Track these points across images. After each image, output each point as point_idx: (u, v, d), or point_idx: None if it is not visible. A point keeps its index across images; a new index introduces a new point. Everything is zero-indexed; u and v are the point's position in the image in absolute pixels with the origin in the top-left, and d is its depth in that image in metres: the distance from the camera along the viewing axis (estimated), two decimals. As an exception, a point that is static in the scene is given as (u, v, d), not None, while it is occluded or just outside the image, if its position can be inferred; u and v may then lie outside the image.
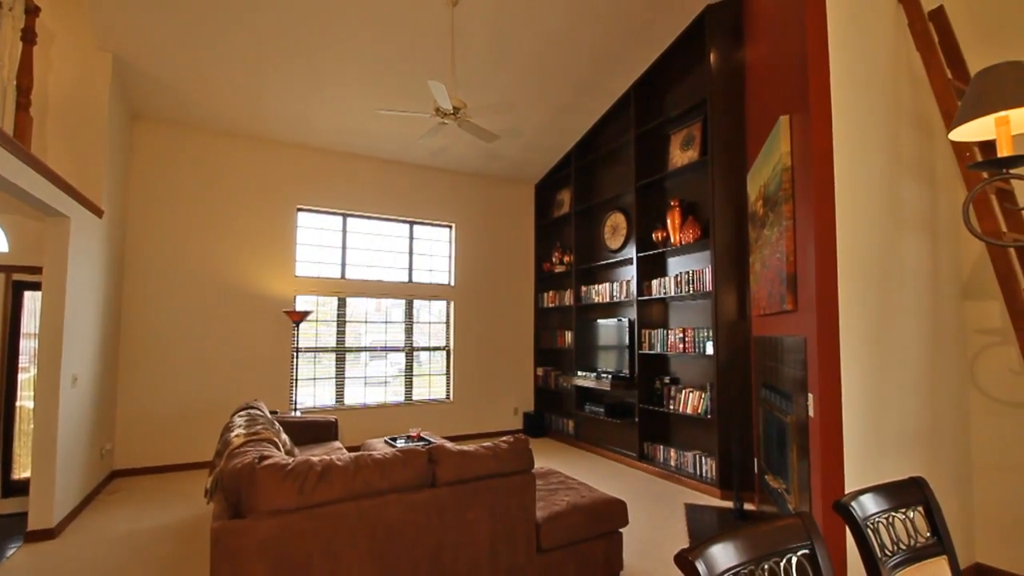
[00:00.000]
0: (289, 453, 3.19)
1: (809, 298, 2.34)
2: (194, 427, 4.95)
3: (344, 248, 5.87)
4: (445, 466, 2.19)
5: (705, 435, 4.51)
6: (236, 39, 3.99)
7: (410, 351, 6.20)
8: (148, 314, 4.85)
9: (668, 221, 4.81)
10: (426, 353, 6.32)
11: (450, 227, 6.54)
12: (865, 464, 2.27)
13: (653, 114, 5.23)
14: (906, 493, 1.38)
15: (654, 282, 5.00)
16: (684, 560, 0.99)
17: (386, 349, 6.07)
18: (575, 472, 4.86)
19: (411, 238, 6.32)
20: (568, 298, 6.34)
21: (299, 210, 5.61)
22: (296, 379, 5.26)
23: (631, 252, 5.32)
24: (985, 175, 2.29)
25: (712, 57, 4.32)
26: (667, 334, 4.81)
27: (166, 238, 4.96)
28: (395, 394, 6.09)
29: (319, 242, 5.75)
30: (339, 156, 5.79)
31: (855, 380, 2.28)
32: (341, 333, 5.78)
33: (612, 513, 2.66)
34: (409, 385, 6.16)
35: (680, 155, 4.86)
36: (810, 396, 2.31)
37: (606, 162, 6.00)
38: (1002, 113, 1.05)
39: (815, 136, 2.29)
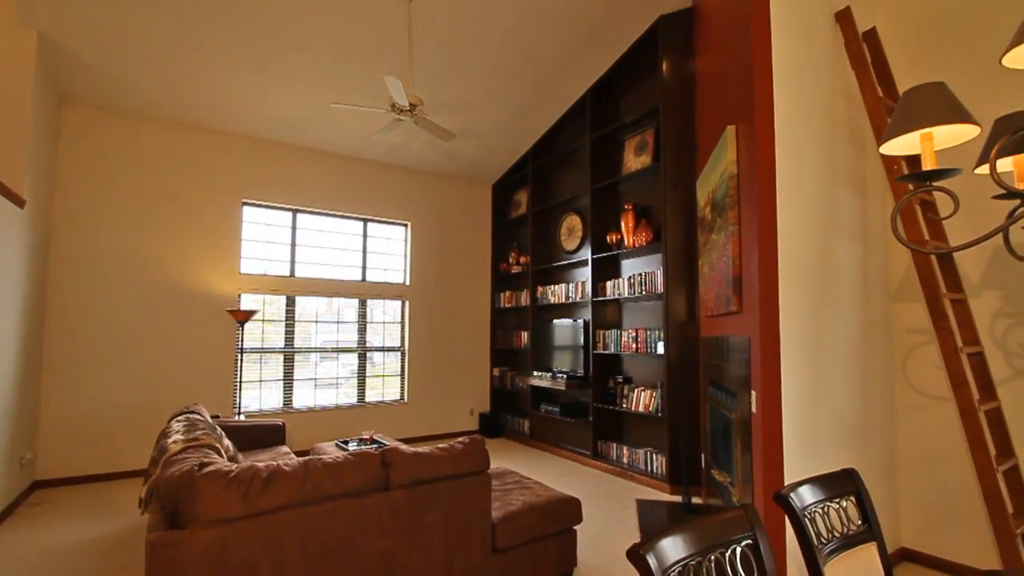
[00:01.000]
0: (232, 459, 3.05)
1: (753, 300, 2.45)
2: (127, 433, 4.64)
3: (294, 245, 5.67)
4: (399, 468, 2.15)
5: (656, 432, 4.65)
6: (176, 20, 3.77)
7: (363, 352, 6.06)
8: (76, 312, 4.51)
9: (622, 224, 4.93)
10: (380, 354, 6.19)
11: (406, 225, 6.44)
12: (803, 457, 2.41)
13: (608, 119, 5.34)
14: (840, 484, 1.47)
15: (608, 283, 5.11)
16: (636, 555, 1.02)
17: (338, 350, 5.90)
18: (531, 471, 4.89)
19: (365, 236, 6.17)
20: (525, 298, 6.37)
21: (245, 204, 5.37)
22: (240, 381, 5.04)
23: (586, 254, 5.40)
24: (911, 187, 2.48)
25: (664, 66, 4.46)
26: (620, 334, 4.93)
27: (97, 231, 4.63)
28: (347, 396, 5.93)
29: (267, 238, 5.52)
30: (289, 149, 5.59)
31: (794, 378, 2.40)
32: (290, 333, 5.58)
33: (567, 511, 2.69)
34: (362, 386, 6.02)
35: (634, 160, 4.99)
36: (753, 393, 2.42)
37: (563, 164, 6.08)
38: (927, 130, 1.13)
39: (759, 146, 2.40)
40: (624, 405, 4.83)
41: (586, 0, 4.08)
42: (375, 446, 3.94)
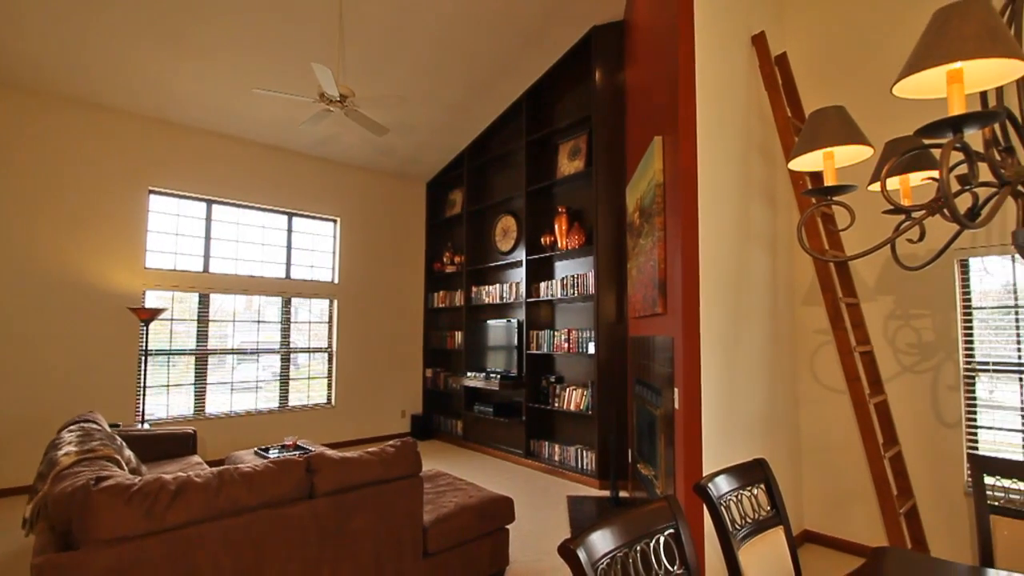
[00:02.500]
0: (135, 472, 2.79)
1: (676, 302, 2.59)
2: (6, 446, 4.10)
3: (208, 238, 5.27)
4: (325, 475, 2.06)
5: (587, 430, 4.78)
6: (76, -12, 3.39)
7: (287, 353, 5.75)
8: (-60, 310, 3.93)
9: (556, 226, 5.02)
10: (305, 355, 5.91)
11: (335, 221, 6.19)
12: (719, 449, 2.57)
13: (543, 123, 5.43)
14: (751, 473, 1.58)
15: (542, 284, 5.19)
16: (567, 550, 1.04)
17: (258, 351, 5.56)
18: (463, 472, 4.86)
19: (290, 231, 5.86)
20: (459, 299, 6.33)
21: (152, 192, 4.93)
22: (144, 386, 4.61)
23: (521, 255, 5.46)
24: (814, 200, 2.72)
25: (597, 74, 4.61)
26: (553, 335, 5.02)
27: (-30, 218, 4.06)
28: (268, 400, 5.60)
29: (177, 230, 5.09)
30: (205, 135, 5.19)
31: (712, 375, 2.56)
32: (203, 333, 5.18)
33: (499, 511, 2.70)
34: (285, 390, 5.71)
35: (568, 164, 5.11)
36: (676, 390, 2.55)
37: (498, 165, 6.11)
38: (828, 149, 1.25)
39: (683, 158, 2.54)
40: (556, 404, 4.93)
41: (521, 3, 4.12)
42: (299, 453, 3.76)
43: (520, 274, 5.55)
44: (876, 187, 1.39)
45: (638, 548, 1.16)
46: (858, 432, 2.98)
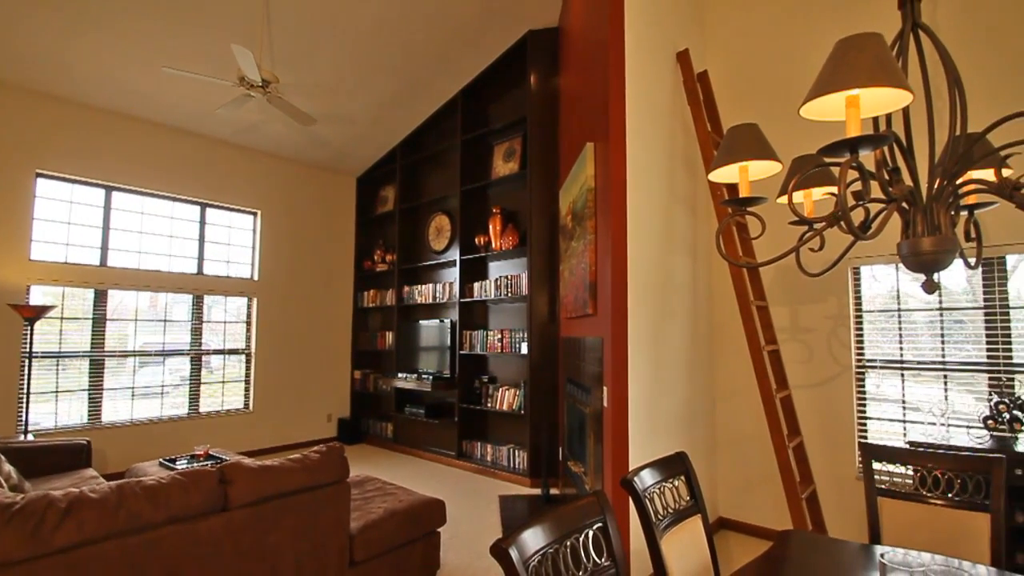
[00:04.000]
0: (16, 488, 2.47)
1: (606, 304, 2.68)
2: None
3: (107, 228, 4.77)
4: (241, 486, 1.93)
5: (519, 429, 4.82)
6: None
7: (198, 355, 5.33)
8: None
9: (490, 227, 5.03)
10: (219, 357, 5.51)
11: (255, 214, 5.83)
12: (644, 444, 2.69)
13: (479, 123, 5.42)
14: (673, 466, 1.66)
15: (476, 285, 5.18)
16: (499, 550, 1.04)
17: (163, 353, 5.11)
18: (394, 476, 4.74)
19: (203, 223, 5.44)
20: (390, 298, 6.18)
21: (39, 176, 4.39)
22: (28, 392, 4.09)
23: (455, 254, 5.42)
24: (730, 210, 2.92)
25: (532, 78, 4.67)
26: (487, 335, 5.02)
27: None
28: (175, 406, 5.16)
29: (70, 219, 4.57)
30: (104, 114, 4.70)
31: (639, 374, 2.67)
32: (99, 334, 4.68)
33: (430, 514, 2.66)
34: (195, 395, 5.29)
35: (502, 165, 5.14)
36: (605, 389, 2.63)
37: (433, 163, 6.02)
38: (743, 163, 1.34)
39: (613, 164, 2.63)
40: (489, 404, 4.93)
41: (458, 1, 4.09)
42: (211, 462, 3.50)
43: (454, 274, 5.51)
44: (784, 200, 1.51)
45: (568, 543, 1.18)
46: (765, 424, 3.23)
